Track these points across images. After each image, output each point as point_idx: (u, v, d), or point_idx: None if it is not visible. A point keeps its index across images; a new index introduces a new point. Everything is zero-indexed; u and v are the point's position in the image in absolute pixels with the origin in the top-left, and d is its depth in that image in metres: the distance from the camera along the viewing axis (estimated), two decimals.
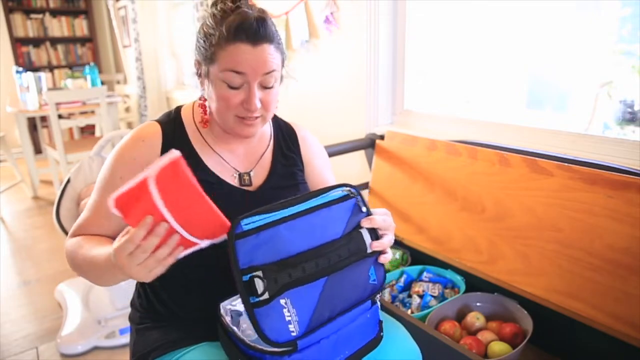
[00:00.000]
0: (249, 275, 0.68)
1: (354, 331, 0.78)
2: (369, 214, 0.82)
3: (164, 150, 0.88)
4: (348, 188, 0.82)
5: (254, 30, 0.81)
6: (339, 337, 0.75)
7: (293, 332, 0.69)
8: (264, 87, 0.85)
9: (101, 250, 0.76)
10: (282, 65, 0.90)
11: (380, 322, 0.85)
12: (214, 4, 0.86)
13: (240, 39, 0.81)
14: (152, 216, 0.62)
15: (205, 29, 0.85)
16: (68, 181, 2.04)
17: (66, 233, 1.84)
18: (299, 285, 0.71)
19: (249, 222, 0.71)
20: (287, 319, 0.69)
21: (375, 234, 0.81)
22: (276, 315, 0.69)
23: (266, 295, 0.67)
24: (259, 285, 0.67)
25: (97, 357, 1.78)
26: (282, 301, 0.69)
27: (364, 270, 0.79)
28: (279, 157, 1.01)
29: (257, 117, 0.87)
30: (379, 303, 0.81)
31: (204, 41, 0.85)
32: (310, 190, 1.00)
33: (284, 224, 0.73)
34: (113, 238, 0.84)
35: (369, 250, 0.79)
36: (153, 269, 0.65)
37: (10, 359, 1.78)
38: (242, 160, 0.97)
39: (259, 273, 0.68)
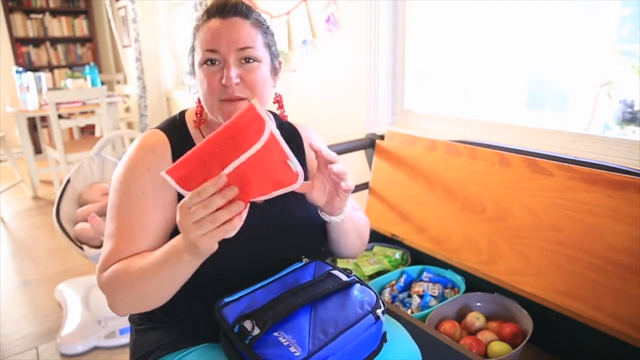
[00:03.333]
0: (238, 325, 0.75)
1: (360, 345, 0.79)
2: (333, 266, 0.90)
3: (175, 159, 0.85)
4: (306, 259, 0.92)
5: (223, 5, 0.84)
6: (344, 353, 0.76)
7: (296, 352, 0.71)
8: (244, 62, 0.84)
9: (157, 251, 0.76)
10: (270, 49, 0.89)
11: (384, 333, 0.85)
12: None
13: (212, 16, 0.84)
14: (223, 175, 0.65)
15: (192, 27, 0.89)
16: (68, 181, 2.04)
17: (65, 232, 1.83)
18: (285, 316, 0.76)
19: (229, 297, 0.81)
20: (286, 344, 0.73)
21: (347, 275, 0.87)
22: (274, 344, 0.73)
23: (257, 331, 0.73)
24: (248, 324, 0.74)
25: (97, 357, 1.78)
26: (275, 334, 0.75)
27: (347, 293, 0.84)
28: None
29: (240, 99, 0.84)
30: (383, 318, 0.82)
31: (190, 37, 0.89)
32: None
33: (260, 290, 0.83)
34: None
35: (345, 279, 0.86)
36: (210, 234, 0.65)
37: (10, 359, 1.78)
38: None
39: (246, 318, 0.76)
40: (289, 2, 2.29)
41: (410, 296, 1.50)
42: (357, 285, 0.86)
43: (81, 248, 1.76)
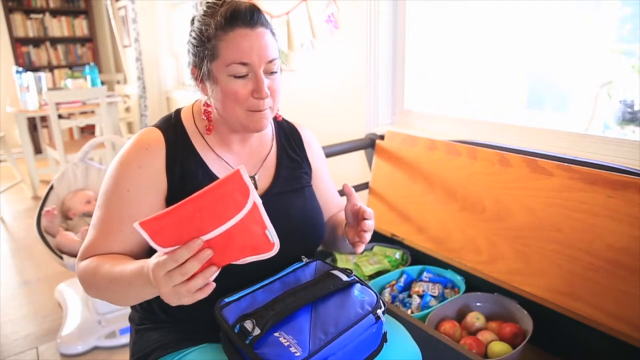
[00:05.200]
0: (239, 325, 0.75)
1: (360, 345, 0.79)
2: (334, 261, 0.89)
3: (169, 158, 0.86)
4: (306, 259, 0.93)
5: (249, 14, 0.82)
6: (345, 353, 0.76)
7: (297, 353, 0.71)
8: (269, 73, 0.85)
9: (127, 266, 0.74)
10: (280, 56, 0.90)
11: (385, 333, 0.85)
12: (203, 5, 0.86)
13: (238, 25, 0.81)
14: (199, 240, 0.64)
15: (197, 29, 0.84)
16: (51, 188, 2.02)
17: (45, 241, 1.81)
18: (285, 316, 0.77)
19: (230, 297, 0.81)
20: (286, 344, 0.73)
21: (347, 275, 0.88)
22: (274, 344, 0.73)
23: (258, 331, 0.73)
24: (249, 324, 0.74)
25: (97, 357, 1.78)
26: (276, 334, 0.75)
27: (347, 292, 0.84)
28: (284, 159, 0.99)
29: (266, 109, 0.86)
30: (384, 318, 0.83)
31: (199, 39, 0.84)
32: (314, 195, 1.02)
33: (260, 290, 0.84)
34: (129, 255, 0.84)
35: (346, 279, 0.86)
36: (183, 297, 0.65)
37: (10, 359, 1.78)
38: (246, 162, 0.95)
39: (247, 318, 0.76)
40: (289, 2, 2.29)
41: (410, 296, 1.50)
42: (358, 285, 0.86)
43: (61, 257, 1.75)
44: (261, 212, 0.66)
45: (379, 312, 0.81)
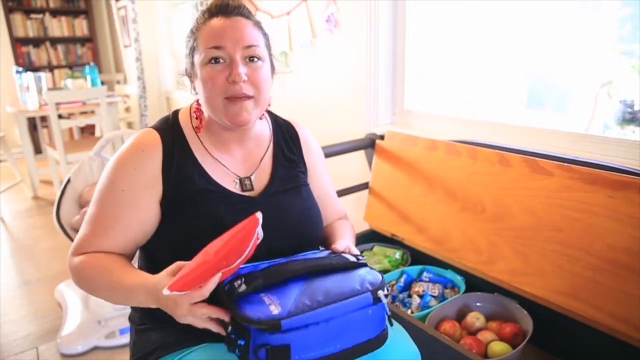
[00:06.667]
0: (229, 285, 0.74)
1: (350, 325, 0.73)
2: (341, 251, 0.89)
3: (165, 160, 0.87)
4: (322, 248, 0.94)
5: (226, 6, 0.86)
6: (330, 327, 0.71)
7: (274, 311, 0.69)
8: (249, 60, 0.86)
9: (132, 276, 0.79)
10: (269, 51, 0.91)
11: (386, 329, 0.80)
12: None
13: (215, 15, 0.86)
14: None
15: (190, 27, 0.90)
16: (68, 181, 2.04)
17: (66, 233, 1.83)
18: (277, 282, 0.75)
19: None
20: (267, 303, 0.72)
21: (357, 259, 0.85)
22: (256, 302, 0.72)
23: (244, 287, 0.73)
24: (237, 282, 0.74)
25: (97, 357, 1.78)
26: (262, 295, 0.74)
27: (351, 271, 0.81)
28: (280, 159, 1.00)
29: (247, 97, 0.85)
30: (385, 300, 0.76)
31: (188, 37, 0.89)
32: (311, 194, 1.01)
33: (265, 262, 0.82)
34: (121, 252, 0.86)
35: (353, 260, 0.84)
36: (197, 318, 0.72)
37: (10, 359, 1.78)
38: (242, 164, 0.95)
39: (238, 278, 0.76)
40: (289, 2, 2.29)
41: (410, 296, 1.50)
42: (366, 268, 0.82)
43: None
44: (260, 235, 0.75)
45: (380, 293, 0.75)
